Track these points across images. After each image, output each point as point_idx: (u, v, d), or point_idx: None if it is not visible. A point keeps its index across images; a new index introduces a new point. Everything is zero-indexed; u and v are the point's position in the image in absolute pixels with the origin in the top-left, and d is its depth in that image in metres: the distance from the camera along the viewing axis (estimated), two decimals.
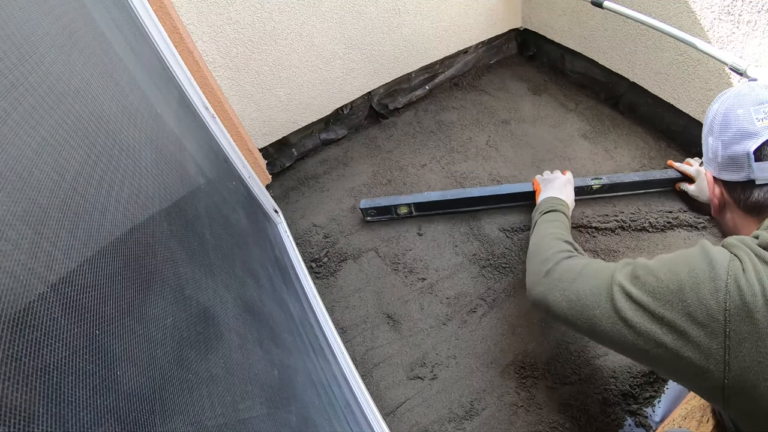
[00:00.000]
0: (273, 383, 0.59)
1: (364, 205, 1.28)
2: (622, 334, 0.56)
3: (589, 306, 0.62)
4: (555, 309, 0.69)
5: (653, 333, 0.53)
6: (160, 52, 0.86)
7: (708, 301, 0.48)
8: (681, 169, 1.20)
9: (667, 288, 0.53)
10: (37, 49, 0.37)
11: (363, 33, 1.42)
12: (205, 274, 0.54)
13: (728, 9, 1.05)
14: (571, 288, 0.67)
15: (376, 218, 1.31)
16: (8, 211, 0.26)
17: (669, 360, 0.52)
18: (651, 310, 0.53)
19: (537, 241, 0.88)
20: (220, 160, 0.97)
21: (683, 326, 0.50)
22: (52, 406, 0.24)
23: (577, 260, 0.73)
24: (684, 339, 0.50)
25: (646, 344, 0.54)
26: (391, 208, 1.28)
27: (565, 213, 1.00)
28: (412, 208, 1.28)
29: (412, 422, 0.93)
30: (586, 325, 0.62)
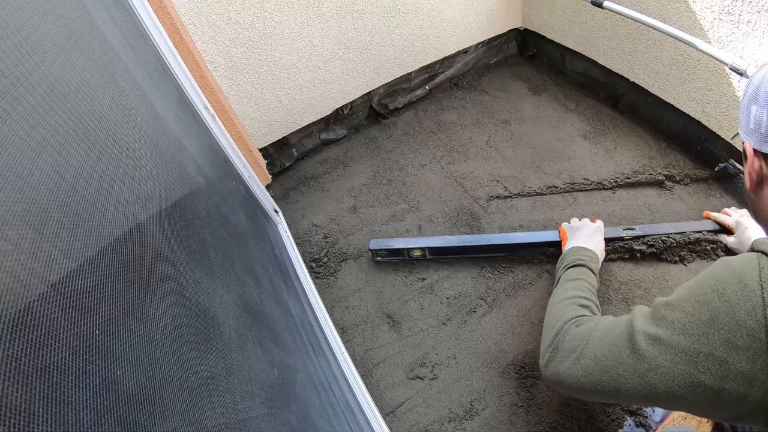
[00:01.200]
0: (273, 383, 0.59)
1: (375, 246, 1.17)
2: (652, 386, 0.52)
3: (610, 366, 0.57)
4: (570, 381, 0.63)
5: (688, 375, 0.48)
6: (160, 52, 0.86)
7: (747, 323, 0.45)
8: (719, 220, 1.10)
9: (699, 320, 0.48)
10: (37, 49, 0.37)
11: (363, 33, 1.42)
12: (205, 274, 0.54)
13: (728, 9, 1.05)
14: (585, 354, 0.61)
15: (387, 259, 1.21)
16: (8, 211, 0.26)
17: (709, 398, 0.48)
18: (685, 350, 0.49)
19: (553, 306, 0.82)
20: (220, 160, 0.97)
21: (723, 356, 0.46)
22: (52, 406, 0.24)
23: (586, 325, 0.67)
24: (725, 370, 0.46)
25: (680, 389, 0.49)
26: (403, 251, 1.18)
27: (591, 268, 0.92)
28: (426, 252, 1.18)
29: (412, 422, 0.93)
30: (609, 387, 0.57)
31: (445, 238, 1.17)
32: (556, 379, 0.66)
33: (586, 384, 0.61)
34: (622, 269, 1.10)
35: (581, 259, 0.93)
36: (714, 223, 1.11)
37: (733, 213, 1.11)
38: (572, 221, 1.11)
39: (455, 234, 1.25)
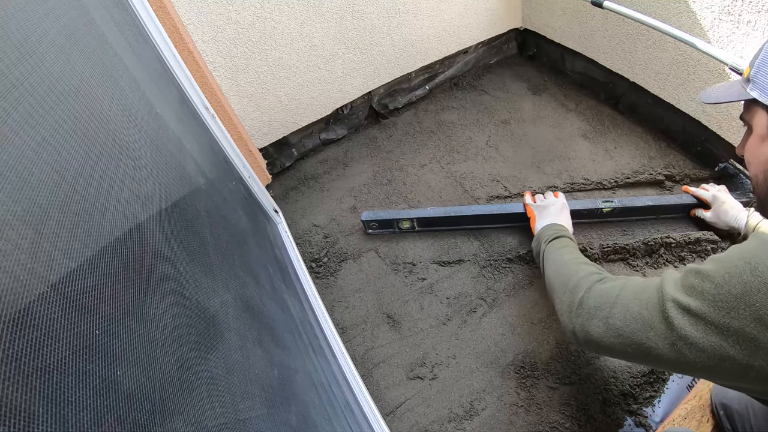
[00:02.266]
0: (273, 383, 0.59)
1: (366, 217, 1.25)
2: (681, 354, 0.51)
3: (639, 330, 0.56)
4: (600, 340, 0.62)
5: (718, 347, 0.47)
6: (160, 52, 0.86)
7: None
8: (697, 194, 1.14)
9: (729, 293, 0.47)
10: (37, 49, 0.37)
11: (363, 33, 1.42)
12: (205, 274, 0.54)
13: (728, 9, 1.05)
14: (613, 314, 0.60)
15: (378, 231, 1.29)
16: (8, 211, 0.26)
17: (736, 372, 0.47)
18: (715, 322, 0.47)
19: (558, 270, 0.82)
20: (220, 160, 0.97)
21: (753, 333, 0.44)
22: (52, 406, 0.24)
23: (612, 282, 0.66)
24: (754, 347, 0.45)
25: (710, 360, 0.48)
26: (393, 222, 1.26)
27: (571, 238, 0.95)
28: (414, 222, 1.26)
29: (412, 422, 0.93)
30: (638, 351, 0.57)
31: (432, 210, 1.24)
32: (585, 337, 0.65)
33: (615, 344, 0.59)
34: (623, 269, 1.11)
35: (558, 233, 0.96)
36: (692, 198, 1.16)
37: (710, 188, 1.15)
38: (536, 198, 1.15)
39: (452, 236, 1.25)
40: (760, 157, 0.58)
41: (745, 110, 0.61)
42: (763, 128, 0.56)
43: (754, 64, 0.58)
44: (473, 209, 1.23)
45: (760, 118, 0.57)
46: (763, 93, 0.56)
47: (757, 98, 0.56)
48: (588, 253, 1.13)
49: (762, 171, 0.58)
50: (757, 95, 0.56)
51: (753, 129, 0.59)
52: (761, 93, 0.56)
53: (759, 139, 0.58)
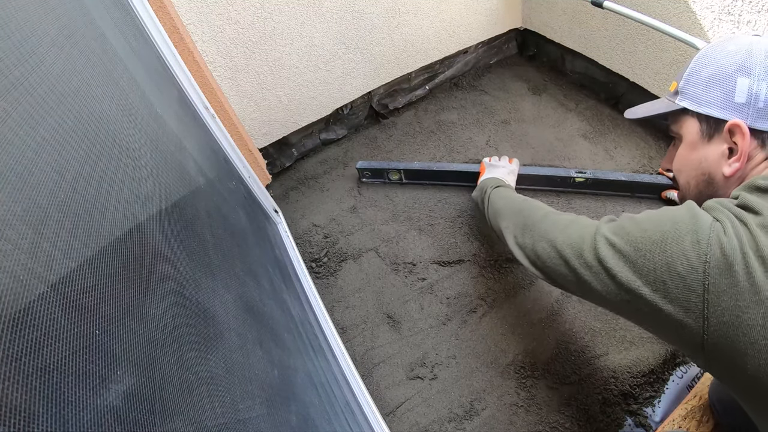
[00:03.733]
0: (273, 383, 0.59)
1: (361, 165, 1.40)
2: (604, 284, 0.56)
3: (574, 255, 0.61)
4: (544, 261, 0.68)
5: (634, 283, 0.52)
6: (160, 52, 0.86)
7: (689, 252, 0.48)
8: (670, 176, 1.18)
9: (649, 239, 0.52)
10: (37, 49, 0.37)
11: (363, 33, 1.42)
12: (205, 274, 0.54)
13: (728, 9, 1.05)
14: (560, 238, 0.66)
15: (370, 180, 1.43)
16: (8, 211, 0.26)
17: (650, 313, 0.52)
18: (633, 260, 0.53)
19: (511, 204, 0.88)
20: (220, 160, 0.97)
21: (663, 277, 0.50)
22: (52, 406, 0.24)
23: (565, 216, 0.72)
24: (663, 291, 0.50)
25: (627, 295, 0.54)
26: (383, 172, 1.39)
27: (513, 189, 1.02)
28: (402, 174, 1.38)
29: (412, 422, 0.93)
30: (571, 275, 0.62)
31: (418, 164, 1.39)
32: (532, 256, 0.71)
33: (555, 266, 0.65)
34: None
35: (502, 183, 1.05)
36: (667, 179, 1.19)
37: None
38: (492, 159, 1.25)
39: (452, 236, 1.25)
40: (692, 163, 0.63)
41: (674, 122, 0.66)
42: (695, 135, 0.61)
43: (682, 77, 0.63)
44: (453, 166, 1.36)
45: (690, 126, 0.62)
46: (693, 101, 0.60)
47: (687, 107, 0.61)
48: None
49: (694, 177, 0.63)
50: (687, 104, 0.61)
51: (683, 138, 0.63)
52: (691, 102, 0.61)
53: (690, 146, 0.62)
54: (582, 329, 1.01)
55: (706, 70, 0.60)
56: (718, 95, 0.58)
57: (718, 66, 0.58)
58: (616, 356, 0.96)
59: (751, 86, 0.55)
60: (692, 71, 0.61)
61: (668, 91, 0.67)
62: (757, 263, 0.44)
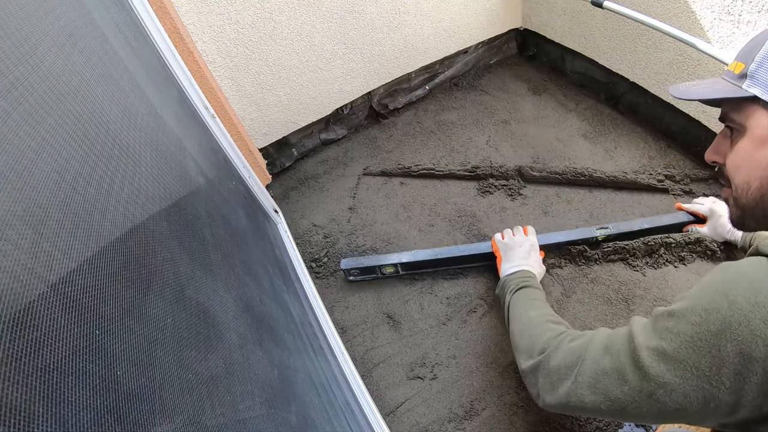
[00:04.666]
0: (273, 383, 0.59)
1: (346, 265, 1.14)
2: (662, 404, 0.48)
3: (612, 385, 0.53)
4: (569, 400, 0.59)
5: (702, 390, 0.44)
6: (160, 52, 0.86)
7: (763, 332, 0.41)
8: (691, 210, 1.09)
9: (708, 331, 0.44)
10: (37, 49, 0.37)
11: (363, 33, 1.42)
12: (205, 274, 0.54)
13: (728, 9, 1.05)
14: (583, 372, 0.57)
15: (360, 278, 1.18)
16: (8, 211, 0.26)
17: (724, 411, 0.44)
18: (696, 364, 0.45)
19: (523, 329, 0.79)
20: (220, 160, 0.97)
21: (738, 369, 0.42)
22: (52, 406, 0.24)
23: (579, 340, 0.63)
24: (740, 383, 0.42)
25: (695, 404, 0.46)
26: (375, 268, 1.16)
27: (538, 288, 0.91)
28: (398, 267, 1.16)
29: (412, 422, 0.93)
30: (613, 407, 0.53)
31: (416, 253, 1.15)
32: (554, 400, 0.62)
33: (587, 402, 0.57)
34: (623, 269, 1.10)
35: (525, 281, 0.91)
36: (687, 215, 1.11)
37: (705, 201, 1.09)
38: (505, 235, 1.07)
39: (452, 237, 1.25)
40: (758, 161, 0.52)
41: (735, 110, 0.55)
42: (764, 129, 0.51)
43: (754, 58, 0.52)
44: (459, 250, 1.14)
45: (760, 119, 0.51)
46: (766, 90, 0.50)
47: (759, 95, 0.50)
48: (588, 253, 1.12)
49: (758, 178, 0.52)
50: (759, 92, 0.50)
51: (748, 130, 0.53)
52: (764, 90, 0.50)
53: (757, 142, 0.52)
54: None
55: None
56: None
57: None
58: None
59: None
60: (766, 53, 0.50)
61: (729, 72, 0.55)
62: None
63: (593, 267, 1.12)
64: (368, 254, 1.24)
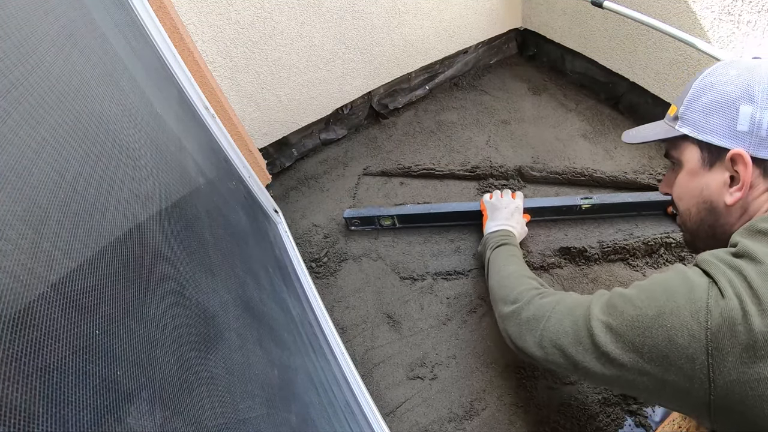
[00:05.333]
0: (273, 383, 0.59)
1: (348, 214, 1.28)
2: (605, 368, 0.56)
3: (570, 344, 0.60)
4: (534, 350, 0.67)
5: (636, 363, 0.52)
6: (160, 52, 0.86)
7: (689, 323, 0.47)
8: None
9: (646, 315, 0.51)
10: (37, 49, 0.37)
11: (363, 33, 1.42)
12: (205, 274, 0.54)
13: (728, 9, 1.05)
14: (548, 327, 0.65)
15: (360, 228, 1.31)
16: (8, 211, 0.26)
17: (654, 387, 0.52)
18: (631, 340, 0.52)
19: (501, 281, 0.86)
20: (220, 160, 0.97)
21: (665, 351, 0.49)
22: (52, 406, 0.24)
23: (549, 298, 0.70)
24: (666, 364, 0.49)
25: (630, 374, 0.53)
26: (374, 219, 1.28)
27: (516, 246, 0.99)
28: (395, 219, 1.27)
29: (412, 422, 0.93)
30: (568, 363, 0.61)
31: (411, 207, 1.29)
32: (521, 345, 0.71)
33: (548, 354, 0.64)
34: (623, 269, 1.10)
35: (505, 239, 1.00)
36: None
37: None
38: (493, 196, 1.16)
39: (452, 237, 1.25)
40: (693, 191, 0.62)
41: (673, 147, 0.65)
42: (695, 162, 0.60)
43: (683, 101, 0.61)
44: (450, 206, 1.26)
45: (691, 153, 0.61)
46: (694, 128, 0.59)
47: (688, 134, 0.60)
48: (588, 253, 1.13)
49: (695, 204, 0.62)
50: (688, 131, 0.60)
51: (684, 165, 0.63)
52: (692, 129, 0.60)
53: (690, 174, 0.62)
54: None
55: (707, 97, 0.58)
56: (720, 123, 0.56)
57: (720, 92, 0.57)
58: None
59: (753, 114, 0.54)
60: (693, 97, 0.60)
61: (668, 115, 0.66)
62: (758, 318, 0.44)
63: (593, 267, 1.12)
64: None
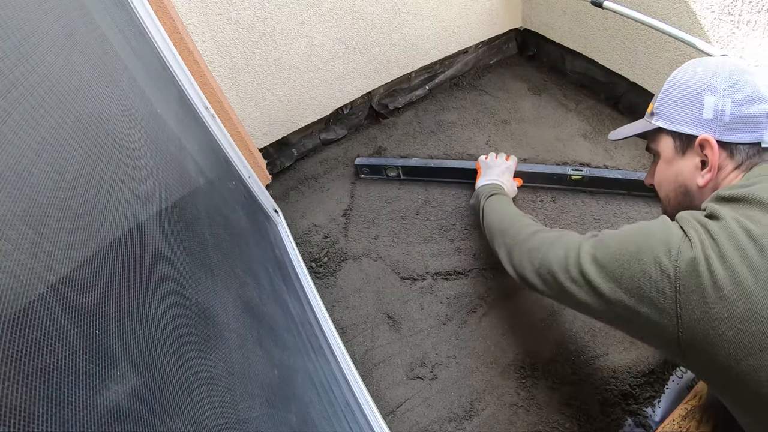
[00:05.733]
0: (273, 383, 0.59)
1: (360, 162, 1.43)
2: (588, 295, 0.61)
3: (560, 271, 0.66)
4: (530, 278, 0.74)
5: (613, 292, 0.58)
6: (160, 52, 0.86)
7: (662, 259, 0.53)
8: None
9: (626, 250, 0.57)
10: (37, 49, 0.37)
11: (363, 33, 1.42)
12: (205, 274, 0.54)
13: (728, 9, 1.05)
14: (545, 257, 0.71)
15: (369, 176, 1.45)
16: (8, 211, 0.26)
17: (630, 318, 0.57)
18: (611, 270, 0.58)
19: (502, 218, 0.92)
20: (220, 160, 0.97)
21: (639, 282, 0.55)
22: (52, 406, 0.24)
23: (551, 233, 0.77)
24: (640, 296, 0.55)
25: (608, 303, 0.59)
26: (381, 169, 1.41)
27: (506, 196, 1.06)
28: (399, 171, 1.40)
29: (412, 422, 0.93)
30: (559, 288, 0.67)
31: (416, 160, 1.42)
32: (521, 273, 0.77)
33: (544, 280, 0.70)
34: None
35: (496, 190, 1.07)
36: None
37: None
38: (489, 157, 1.25)
39: (452, 237, 1.26)
40: (669, 177, 0.69)
41: (651, 141, 0.73)
42: (670, 151, 0.68)
43: (656, 99, 0.70)
44: (450, 163, 1.37)
45: (666, 143, 0.69)
46: (667, 121, 0.67)
47: (662, 126, 0.68)
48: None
49: (672, 189, 0.69)
50: (662, 124, 0.68)
51: (661, 154, 0.70)
52: (665, 121, 0.68)
53: (666, 162, 0.69)
54: (582, 329, 1.01)
55: (676, 92, 0.66)
56: (689, 113, 0.64)
57: (687, 87, 0.65)
58: (616, 356, 0.96)
59: (717, 103, 0.61)
60: (665, 93, 0.68)
61: (646, 113, 0.73)
62: (718, 263, 0.49)
63: None
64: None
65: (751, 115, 0.59)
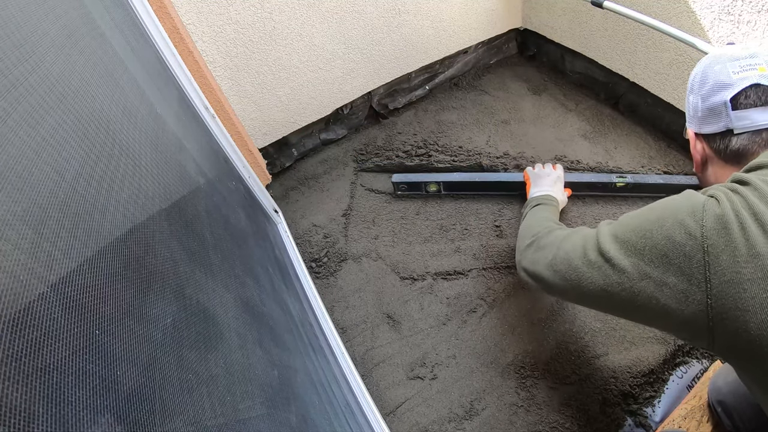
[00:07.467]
0: (273, 383, 0.59)
1: (397, 179, 1.33)
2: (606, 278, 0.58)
3: (577, 257, 0.64)
4: (543, 274, 0.73)
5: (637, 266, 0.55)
6: (160, 52, 0.86)
7: (686, 221, 0.51)
8: None
9: (647, 220, 0.56)
10: (37, 49, 0.37)
11: (363, 33, 1.42)
12: (205, 274, 0.54)
13: (728, 9, 1.05)
14: (562, 248, 0.70)
15: (407, 192, 1.36)
16: (8, 211, 0.26)
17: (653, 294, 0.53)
18: (633, 243, 0.56)
19: (528, 222, 0.93)
20: (220, 160, 0.97)
21: (664, 249, 0.52)
22: (52, 406, 0.24)
23: (568, 230, 0.76)
24: (666, 264, 0.52)
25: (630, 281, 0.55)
26: (421, 185, 1.33)
27: (554, 206, 1.05)
28: (441, 186, 1.33)
29: (412, 422, 0.93)
30: (573, 281, 0.64)
31: (460, 174, 1.33)
32: (533, 269, 0.76)
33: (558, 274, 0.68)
34: None
35: (545, 201, 1.06)
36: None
37: None
38: (536, 167, 1.23)
39: (451, 237, 1.25)
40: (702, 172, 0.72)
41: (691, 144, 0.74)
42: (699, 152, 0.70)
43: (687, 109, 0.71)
44: (496, 176, 1.33)
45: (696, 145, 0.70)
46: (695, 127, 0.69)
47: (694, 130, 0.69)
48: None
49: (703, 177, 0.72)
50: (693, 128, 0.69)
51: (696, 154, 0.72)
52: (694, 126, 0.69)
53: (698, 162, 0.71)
54: (582, 329, 1.01)
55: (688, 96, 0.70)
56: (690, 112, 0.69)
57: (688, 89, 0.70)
58: (616, 356, 0.96)
59: (693, 100, 0.66)
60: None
61: None
62: (750, 219, 0.47)
63: None
64: None
65: (712, 106, 0.62)
